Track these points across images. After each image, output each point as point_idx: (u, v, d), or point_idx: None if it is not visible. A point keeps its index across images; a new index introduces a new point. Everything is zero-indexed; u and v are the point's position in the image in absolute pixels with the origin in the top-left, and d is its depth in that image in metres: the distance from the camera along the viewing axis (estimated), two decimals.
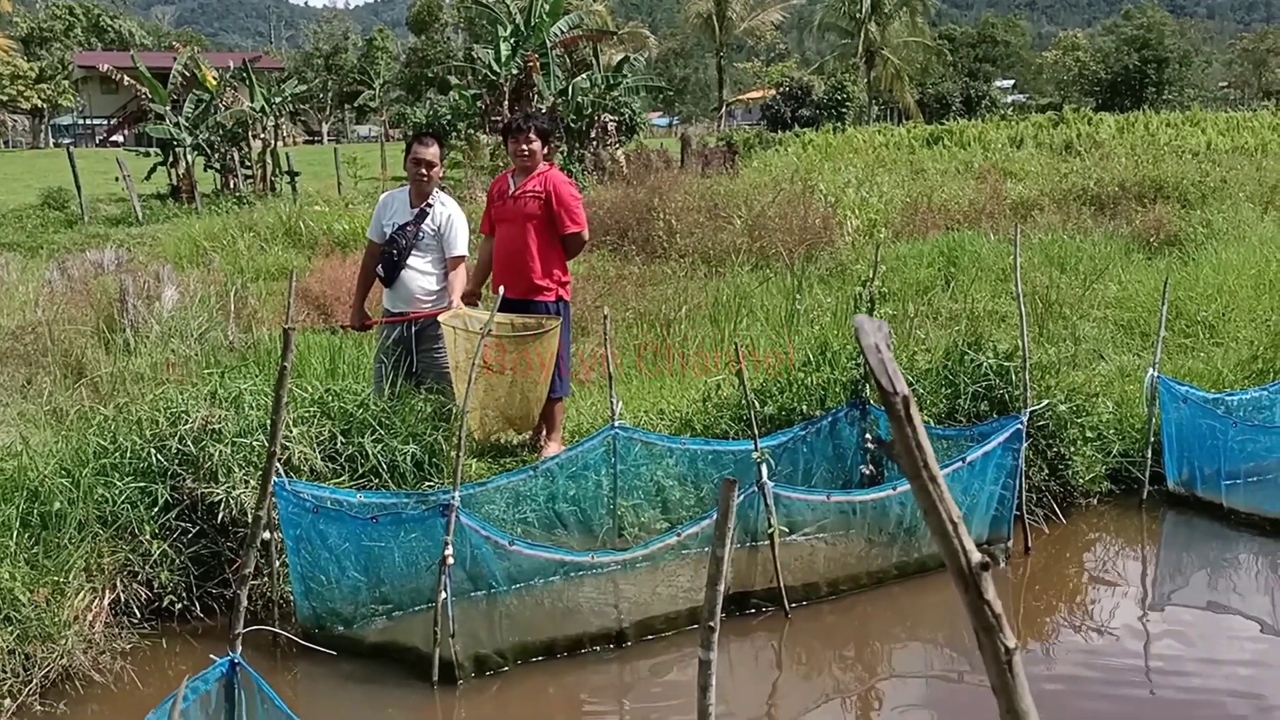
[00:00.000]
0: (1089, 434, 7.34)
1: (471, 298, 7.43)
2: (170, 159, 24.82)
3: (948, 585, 6.58)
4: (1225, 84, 52.32)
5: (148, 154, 26.66)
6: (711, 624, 2.19)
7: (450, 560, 5.17)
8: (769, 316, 10.30)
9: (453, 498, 5.17)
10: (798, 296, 10.42)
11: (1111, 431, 7.58)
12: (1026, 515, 6.86)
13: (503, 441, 7.61)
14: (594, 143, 24.13)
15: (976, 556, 1.50)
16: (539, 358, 6.75)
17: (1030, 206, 14.90)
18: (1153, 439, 7.43)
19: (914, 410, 1.50)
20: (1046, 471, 7.21)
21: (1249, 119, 28.74)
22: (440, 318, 6.69)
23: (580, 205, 7.35)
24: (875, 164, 17.46)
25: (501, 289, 5.85)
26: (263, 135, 26.35)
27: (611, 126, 24.57)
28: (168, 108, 24.62)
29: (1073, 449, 7.26)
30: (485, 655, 5.43)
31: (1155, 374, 7.31)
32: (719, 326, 10.05)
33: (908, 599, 6.37)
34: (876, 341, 1.49)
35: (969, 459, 6.38)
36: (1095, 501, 7.46)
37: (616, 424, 6.38)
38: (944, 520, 1.48)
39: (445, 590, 5.18)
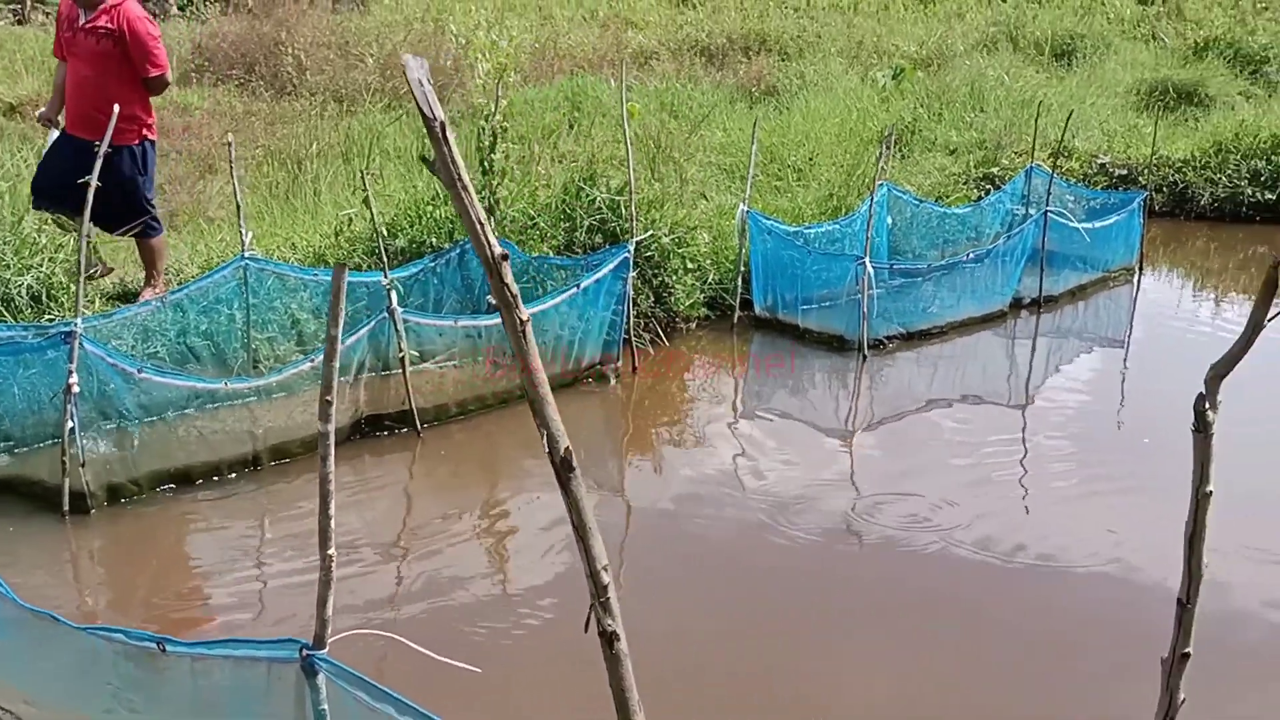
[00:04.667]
0: (689, 264, 8.21)
1: (48, 122, 7.11)
2: None
3: (566, 405, 7.22)
4: None
5: None
6: (329, 397, 2.52)
7: (76, 388, 5.18)
8: (401, 155, 10.44)
9: (75, 325, 5.15)
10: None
11: (709, 262, 8.50)
12: (635, 339, 7.65)
13: (123, 284, 7.46)
14: None
15: (499, 250, 1.94)
16: None
17: (649, 55, 15.69)
18: (743, 269, 8.42)
19: (449, 134, 1.85)
20: (653, 299, 8.03)
21: None
22: None
23: (160, 43, 6.93)
24: (504, 8, 17.59)
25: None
26: None
27: None
28: None
29: (675, 278, 8.10)
30: (119, 484, 5.52)
31: (745, 209, 8.24)
32: (351, 165, 10.09)
33: (530, 417, 6.91)
34: (419, 76, 1.84)
35: (583, 285, 7.02)
36: (695, 326, 8.40)
37: (248, 254, 6.45)
38: (474, 221, 1.90)
39: (72, 419, 5.20)
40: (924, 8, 19.51)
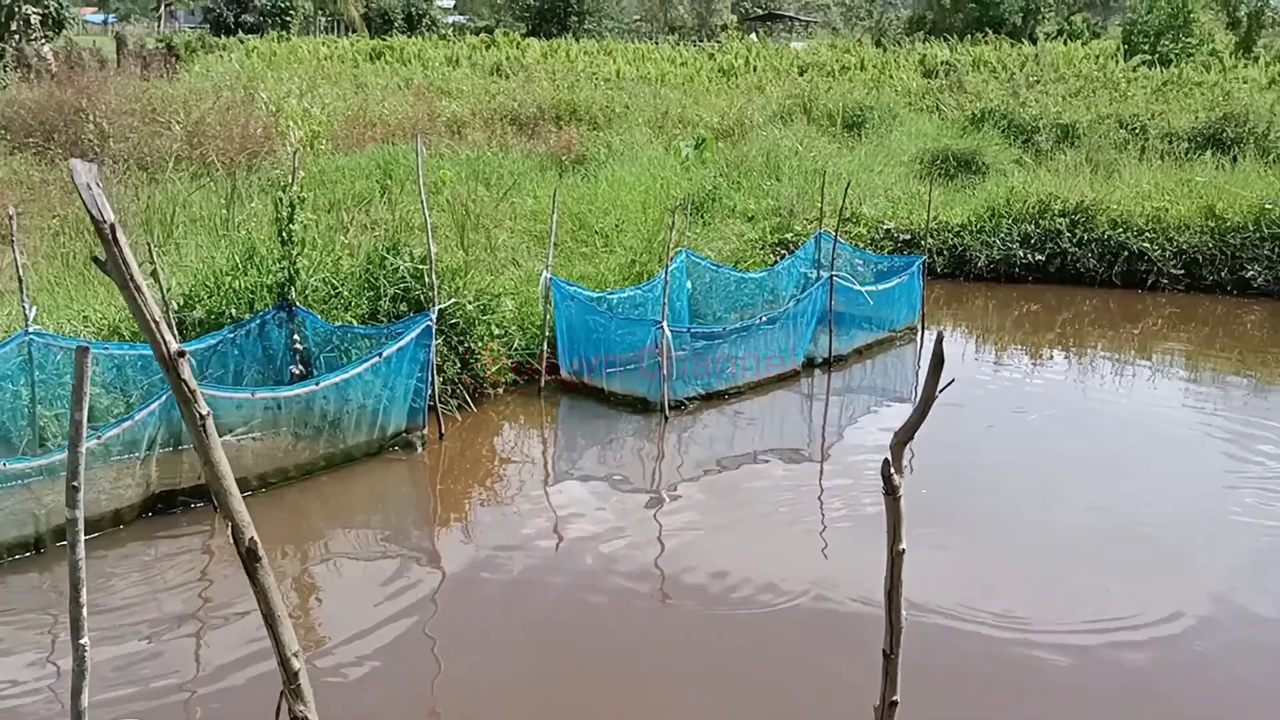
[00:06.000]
0: (495, 330, 8.38)
1: None
2: None
3: (373, 473, 7.29)
4: (638, 17, 57.84)
5: None
6: (76, 484, 2.56)
7: None
8: (205, 223, 10.33)
9: None
10: (234, 203, 10.55)
11: (515, 328, 8.69)
12: (441, 406, 7.75)
13: None
14: (15, 36, 21.85)
15: (175, 346, 2.04)
16: None
17: (462, 124, 15.94)
18: (549, 334, 8.63)
19: (120, 235, 1.95)
20: (459, 365, 8.15)
21: (653, 50, 32.25)
22: None
23: None
24: (319, 76, 17.56)
25: None
26: None
27: (35, 20, 22.33)
28: None
29: (481, 344, 8.26)
30: None
31: (548, 275, 8.48)
32: (152, 233, 9.93)
33: (335, 487, 6.98)
34: (88, 180, 1.94)
35: (385, 354, 7.09)
36: (502, 391, 8.55)
37: (31, 329, 6.31)
38: (149, 320, 2.00)
39: None
40: (726, 80, 20.43)
